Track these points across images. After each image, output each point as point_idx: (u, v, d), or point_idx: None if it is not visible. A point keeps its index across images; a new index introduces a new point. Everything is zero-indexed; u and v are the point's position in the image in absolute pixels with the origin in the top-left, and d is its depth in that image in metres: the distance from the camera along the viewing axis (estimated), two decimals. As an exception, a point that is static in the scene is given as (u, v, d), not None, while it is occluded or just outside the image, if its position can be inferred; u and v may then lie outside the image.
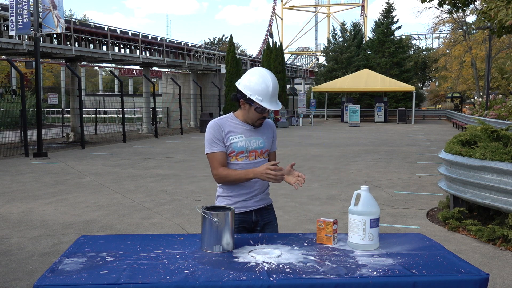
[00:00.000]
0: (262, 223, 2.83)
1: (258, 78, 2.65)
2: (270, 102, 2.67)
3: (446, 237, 5.52)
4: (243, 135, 2.74)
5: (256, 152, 2.76)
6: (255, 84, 2.65)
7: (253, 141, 2.75)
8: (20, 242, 5.33)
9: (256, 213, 2.80)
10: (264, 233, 2.63)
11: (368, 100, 39.54)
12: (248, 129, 2.76)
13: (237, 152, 2.72)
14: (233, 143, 2.72)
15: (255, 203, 2.78)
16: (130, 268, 2.00)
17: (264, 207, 2.84)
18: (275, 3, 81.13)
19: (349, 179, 9.52)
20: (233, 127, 2.75)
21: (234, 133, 2.73)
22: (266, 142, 2.81)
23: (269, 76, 2.67)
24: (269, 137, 2.85)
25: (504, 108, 19.04)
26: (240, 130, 2.74)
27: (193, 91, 27.71)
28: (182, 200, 7.59)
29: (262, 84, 2.64)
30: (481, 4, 9.37)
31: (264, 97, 2.65)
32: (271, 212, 2.91)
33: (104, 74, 62.96)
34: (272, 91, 2.67)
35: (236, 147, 2.72)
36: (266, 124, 2.87)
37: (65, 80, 41.11)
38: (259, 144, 2.77)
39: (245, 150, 2.72)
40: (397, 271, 2.00)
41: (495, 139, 5.86)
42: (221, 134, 2.71)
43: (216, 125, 2.73)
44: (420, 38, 69.22)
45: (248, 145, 2.73)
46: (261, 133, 2.81)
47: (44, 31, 14.77)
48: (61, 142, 18.35)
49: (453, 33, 44.17)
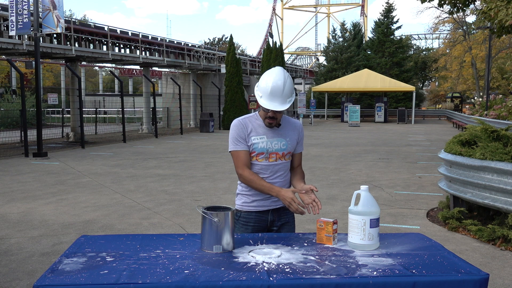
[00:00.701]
0: (279, 223, 2.79)
1: (265, 75, 2.64)
2: (269, 101, 2.59)
3: (446, 237, 5.52)
4: (265, 136, 2.70)
5: (277, 154, 2.72)
6: (261, 81, 2.65)
7: (274, 143, 2.71)
8: (20, 242, 5.33)
9: (273, 213, 2.77)
10: (264, 233, 2.63)
11: (368, 100, 39.54)
12: (271, 129, 2.72)
13: (258, 153, 2.70)
14: (254, 143, 2.69)
15: (273, 203, 2.75)
16: (130, 268, 2.00)
17: (283, 207, 2.78)
18: (275, 3, 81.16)
19: (349, 179, 9.52)
20: (256, 127, 2.71)
21: (256, 133, 2.70)
22: (289, 144, 2.75)
23: (275, 75, 2.60)
24: (293, 138, 2.78)
25: (504, 108, 19.03)
26: (263, 130, 2.71)
27: (193, 91, 27.70)
28: (182, 200, 7.59)
29: (264, 81, 2.62)
30: (481, 4, 9.37)
31: (263, 95, 2.61)
32: (289, 213, 2.84)
33: (104, 74, 62.96)
34: (271, 90, 2.57)
35: (257, 148, 2.69)
36: (292, 125, 2.80)
37: (65, 80, 41.11)
38: (281, 146, 2.72)
39: (265, 151, 2.70)
40: (397, 271, 2.00)
41: (495, 139, 5.86)
42: (244, 133, 2.70)
43: (240, 124, 2.71)
44: (420, 38, 69.25)
45: (269, 146, 2.70)
46: (285, 134, 2.74)
47: (44, 31, 14.77)
48: (61, 142, 18.35)
49: (453, 33, 44.17)
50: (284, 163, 2.76)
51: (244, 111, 25.45)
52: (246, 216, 2.76)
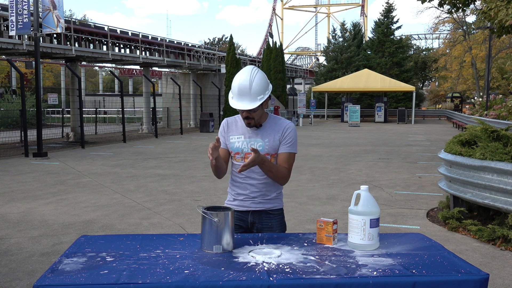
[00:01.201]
0: (260, 226, 2.74)
1: (235, 76, 2.63)
2: (238, 101, 2.56)
3: (446, 237, 5.52)
4: (243, 136, 2.70)
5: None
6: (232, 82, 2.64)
7: (251, 143, 2.67)
8: (20, 242, 5.33)
9: (253, 215, 2.74)
10: (264, 233, 2.62)
11: (368, 100, 39.55)
12: (251, 130, 2.70)
13: (234, 153, 2.72)
14: (231, 142, 2.72)
15: (253, 205, 2.73)
16: (130, 268, 2.00)
17: (265, 210, 2.74)
18: (275, 3, 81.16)
19: (349, 179, 9.51)
20: (238, 126, 2.73)
21: (235, 132, 2.72)
22: (267, 146, 2.67)
23: (241, 75, 2.58)
24: (274, 139, 2.68)
25: (504, 108, 19.03)
26: (242, 130, 2.71)
27: (193, 91, 27.71)
28: (182, 200, 7.59)
29: (234, 80, 2.61)
30: (481, 4, 9.37)
31: (233, 95, 2.60)
32: (274, 218, 2.77)
33: (104, 74, 62.96)
34: (238, 89, 2.54)
35: (233, 147, 2.72)
36: (278, 126, 2.71)
37: (65, 80, 41.11)
38: (257, 147, 2.66)
39: (240, 151, 2.69)
40: (397, 271, 2.00)
41: (495, 139, 5.86)
42: (224, 132, 2.76)
43: (224, 123, 2.79)
44: (420, 38, 69.24)
45: (244, 146, 2.69)
46: (264, 135, 2.69)
47: (44, 31, 14.77)
48: (61, 142, 18.35)
49: (453, 33, 44.18)
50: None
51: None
52: None
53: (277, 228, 2.77)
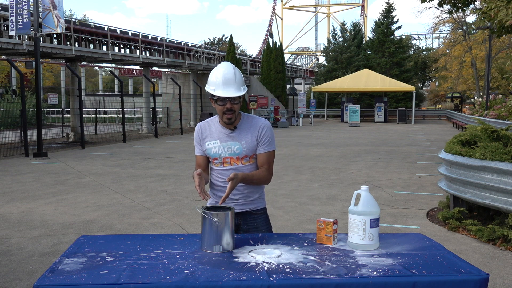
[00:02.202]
0: (245, 227, 2.73)
1: (213, 71, 2.63)
2: (223, 90, 2.54)
3: (446, 237, 5.52)
4: (218, 140, 2.66)
5: (231, 158, 2.66)
6: (210, 76, 2.63)
7: (227, 147, 2.65)
8: (20, 242, 5.33)
9: (237, 217, 2.70)
10: (264, 233, 2.62)
11: (368, 100, 39.55)
12: (226, 133, 2.66)
13: (213, 158, 2.70)
14: (207, 148, 2.69)
15: (236, 207, 2.65)
16: (130, 268, 2.00)
17: (249, 211, 2.73)
18: (275, 3, 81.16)
19: (349, 179, 9.51)
20: (212, 131, 2.69)
21: (210, 138, 2.68)
22: (245, 147, 2.64)
23: (224, 65, 2.61)
24: (251, 140, 2.65)
25: (504, 108, 19.03)
26: (217, 135, 2.67)
27: (193, 91, 27.71)
28: (182, 200, 7.59)
29: (214, 75, 2.60)
30: (481, 4, 9.37)
31: (216, 86, 2.57)
32: (259, 218, 2.77)
33: (104, 74, 62.96)
34: (224, 79, 2.55)
35: (210, 153, 2.69)
36: (253, 126, 2.68)
37: (65, 80, 41.11)
38: (235, 151, 2.65)
39: (218, 156, 2.67)
40: (397, 271, 2.00)
41: (495, 139, 5.86)
42: (199, 138, 2.72)
43: (198, 129, 2.74)
44: (420, 38, 69.24)
45: (221, 151, 2.66)
46: (240, 138, 2.65)
47: (44, 31, 14.77)
48: (61, 142, 18.35)
49: (453, 33, 44.18)
50: (243, 167, 2.67)
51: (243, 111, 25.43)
52: None
53: (263, 227, 2.77)
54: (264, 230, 2.76)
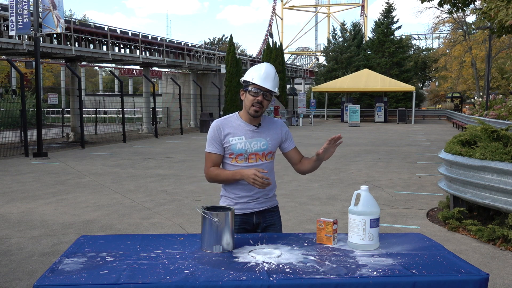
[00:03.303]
0: (264, 225, 2.77)
1: (254, 66, 2.72)
2: (262, 82, 2.63)
3: (446, 237, 5.52)
4: (244, 136, 2.66)
5: (257, 154, 2.68)
6: (250, 69, 2.71)
7: (254, 143, 2.67)
8: (20, 242, 5.33)
9: (258, 215, 2.75)
10: (264, 233, 2.62)
11: (368, 100, 39.55)
12: (251, 130, 2.68)
13: (236, 154, 2.66)
14: (232, 144, 2.66)
15: (257, 205, 2.73)
16: (130, 268, 2.00)
17: (267, 209, 2.78)
18: (275, 3, 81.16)
19: (349, 179, 9.52)
20: (235, 127, 2.68)
21: (234, 134, 2.66)
22: (270, 144, 2.71)
23: (266, 63, 2.72)
24: (275, 138, 2.73)
25: (504, 108, 19.03)
26: (242, 131, 2.67)
27: (193, 91, 27.71)
28: (182, 200, 7.59)
29: (254, 68, 2.68)
30: (481, 4, 9.37)
31: (256, 77, 2.63)
32: (275, 215, 2.84)
33: (104, 74, 62.95)
34: (265, 72, 2.64)
35: (235, 149, 2.66)
36: (273, 124, 2.77)
37: (65, 80, 41.11)
38: (261, 146, 2.68)
39: (244, 152, 2.66)
40: (397, 271, 2.00)
41: (495, 139, 5.86)
42: (219, 136, 2.67)
43: (217, 126, 2.69)
44: (420, 38, 69.24)
45: (248, 147, 2.66)
46: (266, 134, 2.71)
47: (44, 31, 14.77)
48: (61, 142, 18.35)
49: (453, 33, 44.18)
50: (266, 164, 2.71)
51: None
52: None
53: (278, 224, 2.86)
54: (279, 227, 2.86)
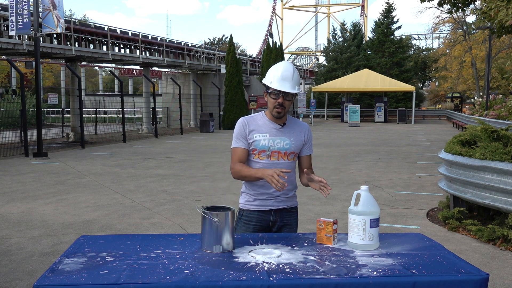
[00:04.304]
0: (280, 224, 2.78)
1: (273, 66, 2.72)
2: (280, 84, 2.64)
3: (446, 237, 5.52)
4: (268, 134, 2.71)
5: (279, 152, 2.71)
6: (269, 72, 2.71)
7: (277, 141, 2.71)
8: (20, 242, 5.33)
9: (275, 213, 2.76)
10: (264, 233, 2.63)
11: (368, 100, 39.55)
12: (276, 128, 2.72)
13: (259, 150, 2.70)
14: (255, 140, 2.70)
15: (275, 203, 2.74)
16: (130, 268, 2.00)
17: (286, 208, 2.79)
18: (275, 3, 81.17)
19: (349, 179, 9.51)
20: (260, 125, 2.73)
21: (258, 131, 2.72)
22: (294, 144, 2.73)
23: (284, 62, 2.72)
24: (299, 139, 2.76)
25: (504, 108, 19.03)
26: (267, 128, 2.72)
27: (193, 91, 27.71)
28: (182, 200, 7.59)
29: (274, 69, 2.69)
30: (481, 4, 9.37)
31: (274, 80, 2.65)
32: (293, 215, 2.84)
33: (104, 74, 62.95)
34: (282, 74, 2.64)
35: (258, 145, 2.70)
36: (299, 126, 2.81)
37: (65, 80, 41.11)
38: (284, 145, 2.71)
39: (267, 149, 2.70)
40: (397, 271, 2.00)
41: (495, 139, 5.86)
42: (245, 131, 2.73)
43: (243, 122, 2.76)
44: (420, 38, 69.24)
45: (271, 144, 2.70)
46: (290, 134, 2.74)
47: (44, 31, 14.77)
48: (61, 142, 18.35)
49: (453, 33, 44.18)
50: (288, 163, 2.74)
51: (244, 111, 25.45)
52: (248, 215, 2.77)
53: (295, 225, 2.86)
54: (294, 228, 2.85)
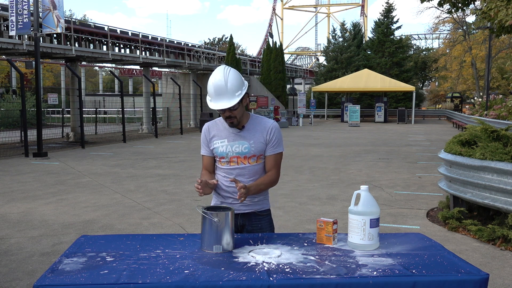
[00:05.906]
0: (250, 228, 2.73)
1: (209, 78, 2.58)
2: (216, 101, 2.52)
3: (446, 237, 5.52)
4: (226, 139, 2.67)
5: (238, 157, 2.65)
6: (208, 84, 2.61)
7: (235, 146, 2.65)
8: (20, 242, 5.33)
9: (243, 217, 2.71)
10: (264, 233, 2.62)
11: (368, 100, 39.54)
12: (234, 132, 2.66)
13: (219, 157, 2.69)
14: (215, 147, 2.69)
15: (241, 207, 2.68)
16: (130, 268, 2.00)
17: (254, 212, 2.73)
18: (275, 3, 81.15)
19: (349, 179, 9.51)
20: (220, 130, 2.70)
21: (218, 137, 2.69)
22: (253, 147, 2.64)
23: (215, 75, 2.53)
24: (259, 141, 2.65)
25: (504, 108, 19.03)
26: (225, 134, 2.68)
27: (193, 91, 27.72)
28: (182, 200, 7.59)
29: (209, 83, 2.56)
30: (481, 4, 9.37)
31: (211, 97, 2.56)
32: (264, 219, 2.77)
33: (104, 74, 62.95)
34: (215, 89, 2.50)
35: (217, 152, 2.69)
36: (261, 126, 2.68)
37: (65, 80, 41.10)
38: (243, 149, 2.64)
39: (225, 155, 2.67)
40: (397, 271, 2.00)
41: (495, 139, 5.86)
42: (207, 138, 2.73)
43: (205, 128, 2.75)
44: (420, 38, 69.24)
45: (229, 150, 2.65)
46: (249, 137, 2.65)
47: (44, 31, 14.77)
48: (61, 142, 18.35)
49: (453, 33, 44.17)
50: (250, 167, 2.66)
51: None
52: None
53: (267, 228, 2.77)
54: (268, 232, 2.76)
